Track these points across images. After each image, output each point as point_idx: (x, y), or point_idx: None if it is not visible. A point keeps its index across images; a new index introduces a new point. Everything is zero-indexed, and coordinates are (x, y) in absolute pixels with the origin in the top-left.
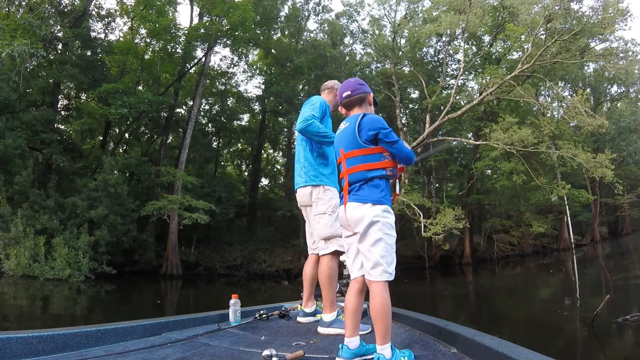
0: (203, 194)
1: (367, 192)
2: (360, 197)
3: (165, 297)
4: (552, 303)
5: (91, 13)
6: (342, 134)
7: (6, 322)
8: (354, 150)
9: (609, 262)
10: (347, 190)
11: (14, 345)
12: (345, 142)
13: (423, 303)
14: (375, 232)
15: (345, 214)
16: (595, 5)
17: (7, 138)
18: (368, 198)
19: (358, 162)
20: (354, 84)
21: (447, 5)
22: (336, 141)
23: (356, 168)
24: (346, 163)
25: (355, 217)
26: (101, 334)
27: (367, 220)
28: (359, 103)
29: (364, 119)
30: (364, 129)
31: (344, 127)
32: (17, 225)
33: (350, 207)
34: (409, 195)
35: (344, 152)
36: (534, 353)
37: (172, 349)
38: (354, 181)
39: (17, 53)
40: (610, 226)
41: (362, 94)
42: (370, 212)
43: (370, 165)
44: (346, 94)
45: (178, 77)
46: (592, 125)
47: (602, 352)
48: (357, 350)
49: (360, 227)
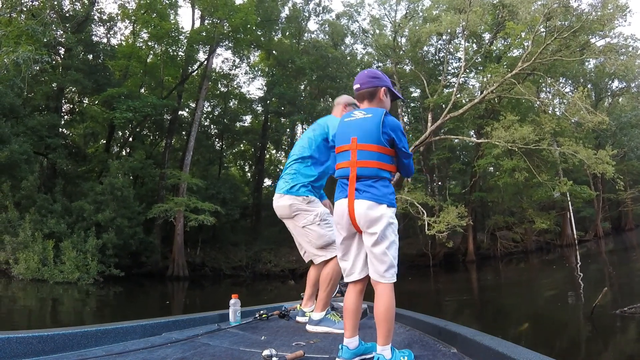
0: (208, 196)
1: (382, 192)
2: (376, 196)
3: (172, 298)
4: (555, 297)
5: (93, 18)
6: (359, 123)
7: (17, 326)
8: (372, 145)
9: (612, 257)
10: (353, 183)
11: (14, 345)
12: (362, 132)
13: (427, 301)
14: (391, 234)
15: (350, 212)
16: (595, 2)
17: (12, 143)
18: (384, 199)
19: (374, 157)
20: (364, 76)
21: (447, 5)
22: (345, 128)
23: (371, 163)
24: (357, 154)
25: (370, 217)
26: (101, 334)
27: (385, 222)
28: (369, 97)
29: (388, 117)
30: (387, 127)
31: (362, 117)
32: (25, 230)
33: (362, 205)
34: (413, 194)
35: (358, 142)
36: (534, 353)
37: (172, 349)
38: (366, 176)
39: (22, 59)
40: (613, 222)
41: (372, 88)
42: (387, 213)
43: (385, 165)
44: (356, 87)
45: (181, 80)
46: (592, 122)
47: (600, 343)
48: (356, 350)
49: (376, 229)
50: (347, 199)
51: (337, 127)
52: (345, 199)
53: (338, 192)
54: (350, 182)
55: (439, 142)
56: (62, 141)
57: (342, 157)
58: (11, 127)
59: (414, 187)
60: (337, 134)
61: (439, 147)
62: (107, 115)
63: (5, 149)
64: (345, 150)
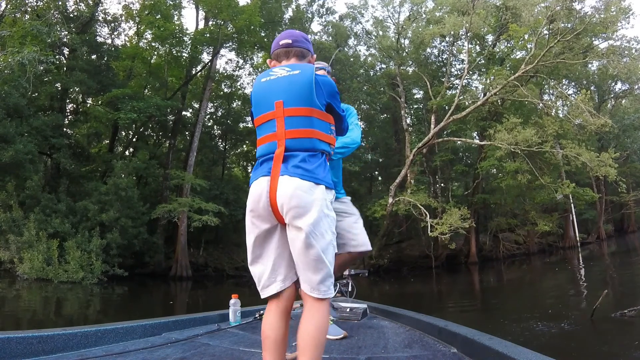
0: (212, 196)
1: (318, 169)
2: (311, 174)
3: (176, 298)
4: (556, 299)
5: (98, 18)
6: (283, 82)
7: (21, 325)
8: (303, 108)
9: (614, 260)
10: (279, 160)
11: (14, 345)
12: (288, 94)
13: (430, 302)
14: (327, 230)
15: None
16: (598, 5)
17: (17, 143)
18: (322, 178)
19: (307, 125)
20: (299, 35)
21: (450, 7)
22: (263, 91)
23: (303, 132)
24: (285, 122)
25: (299, 201)
26: (101, 334)
27: (318, 210)
28: (299, 56)
29: (319, 74)
30: (321, 86)
31: (287, 74)
32: (29, 229)
33: (290, 183)
34: (416, 196)
35: (285, 106)
36: (534, 353)
37: (172, 349)
38: (296, 149)
39: (27, 60)
40: (615, 224)
41: (305, 50)
42: (323, 199)
43: (322, 135)
44: (285, 42)
45: (185, 81)
46: (595, 124)
47: (599, 345)
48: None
49: (306, 220)
50: (269, 177)
51: (253, 92)
52: (266, 177)
53: (255, 171)
54: (276, 159)
55: (441, 144)
56: (66, 141)
57: (264, 129)
58: (16, 127)
59: (417, 189)
60: (254, 100)
61: (442, 149)
62: (111, 115)
63: (9, 148)
64: (268, 121)
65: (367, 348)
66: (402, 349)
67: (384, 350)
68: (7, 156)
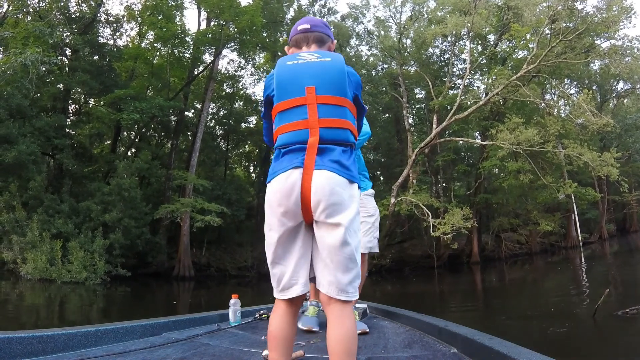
0: (214, 197)
1: (353, 166)
2: (346, 170)
3: (178, 298)
4: (558, 299)
5: (100, 19)
6: (315, 67)
7: (25, 325)
8: (338, 97)
9: (616, 259)
10: (314, 151)
11: (14, 345)
12: (321, 80)
13: (432, 302)
14: (359, 228)
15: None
16: (600, 4)
17: (20, 144)
18: (356, 176)
19: (341, 115)
20: (319, 21)
21: (452, 6)
22: (292, 74)
23: (338, 122)
24: (319, 110)
25: (337, 198)
26: (101, 334)
27: (355, 207)
28: (318, 41)
29: (348, 66)
30: (350, 77)
31: (316, 60)
32: (32, 230)
33: (328, 178)
34: (418, 196)
35: (317, 93)
36: (534, 353)
37: (172, 349)
38: (330, 140)
39: (30, 61)
40: (618, 224)
41: (325, 35)
42: (357, 195)
43: (353, 128)
44: (303, 27)
45: (187, 81)
46: (597, 124)
47: (600, 344)
48: None
49: (344, 218)
50: (303, 169)
51: (276, 74)
52: (298, 169)
53: (279, 162)
54: (310, 149)
55: (444, 144)
56: (68, 142)
57: (291, 116)
58: (19, 128)
59: (419, 189)
60: (279, 83)
61: (444, 149)
62: (113, 116)
63: (13, 149)
64: (296, 106)
65: (367, 348)
66: (402, 349)
67: (384, 350)
68: (10, 157)
